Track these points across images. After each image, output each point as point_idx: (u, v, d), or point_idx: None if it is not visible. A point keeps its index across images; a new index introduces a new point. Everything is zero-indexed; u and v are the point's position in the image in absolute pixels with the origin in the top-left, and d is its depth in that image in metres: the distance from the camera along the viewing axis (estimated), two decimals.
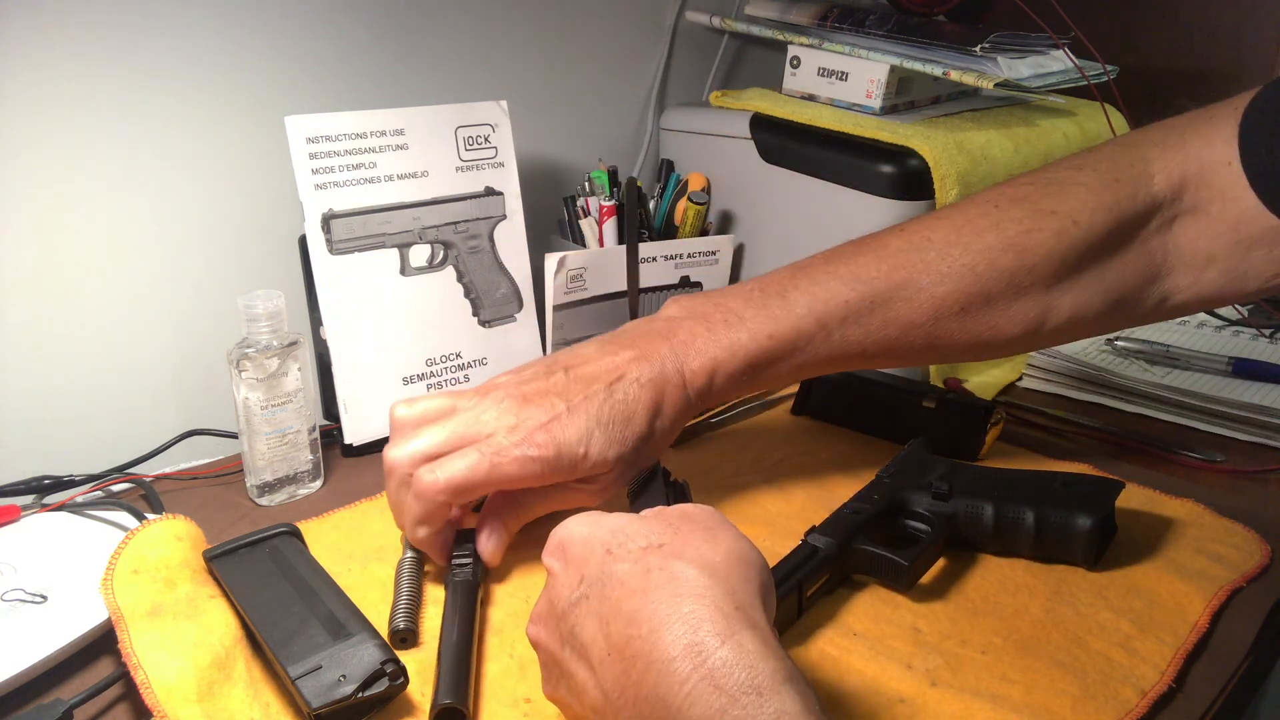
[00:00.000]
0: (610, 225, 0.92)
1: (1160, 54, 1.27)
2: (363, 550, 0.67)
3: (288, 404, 0.71)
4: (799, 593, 0.58)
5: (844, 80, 0.95)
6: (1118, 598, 0.60)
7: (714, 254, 0.94)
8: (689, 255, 0.92)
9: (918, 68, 0.90)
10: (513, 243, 0.88)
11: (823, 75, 0.97)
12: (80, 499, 0.71)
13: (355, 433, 0.80)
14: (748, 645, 0.36)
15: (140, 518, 0.66)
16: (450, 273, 0.85)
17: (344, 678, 0.49)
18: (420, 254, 0.83)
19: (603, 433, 0.60)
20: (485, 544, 0.62)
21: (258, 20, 0.80)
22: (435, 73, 0.93)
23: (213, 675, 0.51)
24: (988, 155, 0.86)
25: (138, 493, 0.74)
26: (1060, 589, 0.61)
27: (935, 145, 0.83)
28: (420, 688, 0.53)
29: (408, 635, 0.57)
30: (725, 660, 0.36)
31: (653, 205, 0.97)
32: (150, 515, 0.67)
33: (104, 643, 0.56)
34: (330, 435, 0.81)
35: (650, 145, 1.11)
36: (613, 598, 0.40)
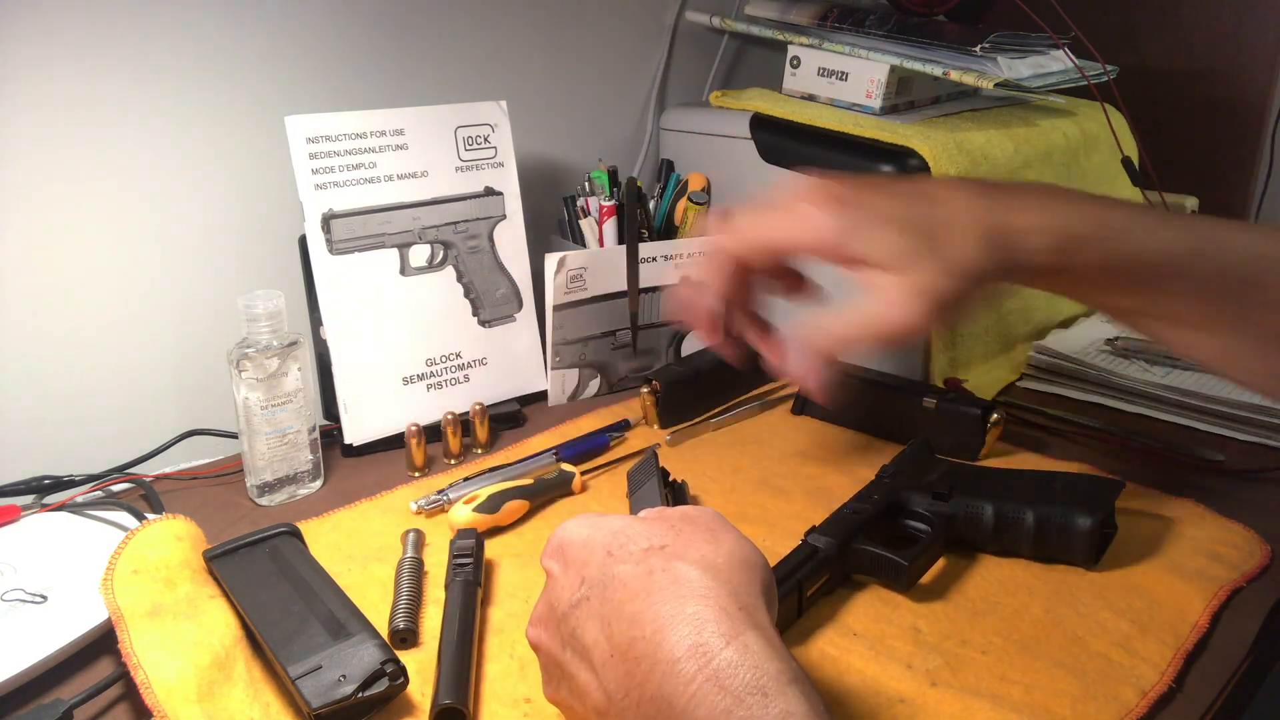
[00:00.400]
0: (610, 225, 0.92)
1: (1160, 54, 1.27)
2: (363, 550, 0.67)
3: (288, 404, 0.71)
4: (799, 593, 0.58)
5: (844, 80, 0.95)
6: (1118, 598, 0.60)
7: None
8: (689, 255, 0.92)
9: (918, 68, 0.90)
10: (513, 243, 0.88)
11: (823, 75, 0.97)
12: (80, 499, 0.71)
13: (355, 433, 0.80)
14: (753, 646, 0.36)
15: (140, 518, 0.66)
16: (450, 273, 0.85)
17: (344, 678, 0.49)
18: (420, 254, 0.83)
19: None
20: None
21: (258, 20, 0.80)
22: (435, 73, 0.93)
23: (213, 675, 0.51)
24: (988, 155, 0.86)
25: (138, 493, 0.74)
26: (1060, 589, 0.61)
27: (935, 145, 0.83)
28: (420, 688, 0.53)
29: (408, 635, 0.57)
30: (730, 661, 0.35)
31: (653, 205, 0.97)
32: (150, 515, 0.67)
33: (104, 643, 0.56)
34: (330, 435, 0.81)
35: (650, 145, 1.11)
36: (615, 599, 0.40)
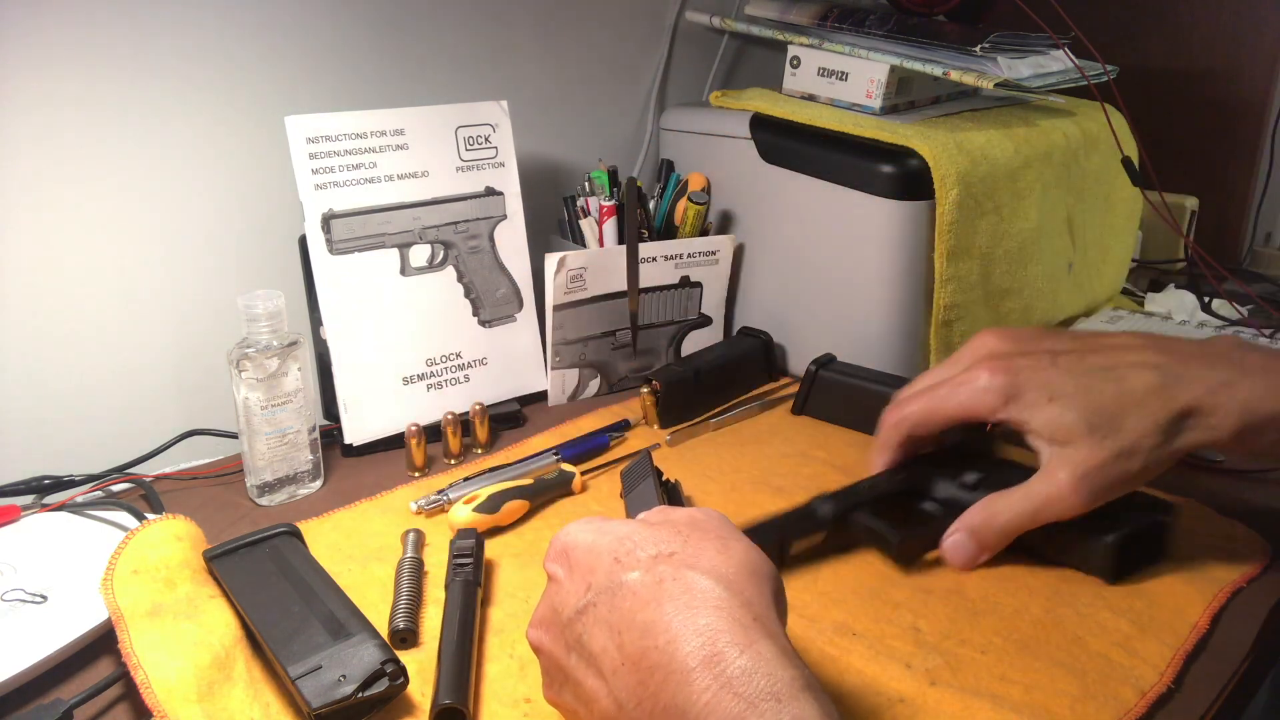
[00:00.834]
0: (610, 225, 0.92)
1: (1160, 54, 1.27)
2: (363, 550, 0.67)
3: (288, 404, 0.71)
4: (781, 546, 0.60)
5: (844, 80, 0.95)
6: (1118, 598, 0.60)
7: (714, 254, 0.94)
8: (689, 255, 0.92)
9: (918, 68, 0.90)
10: (513, 243, 0.88)
11: (823, 75, 0.97)
12: (80, 499, 0.71)
13: (355, 433, 0.80)
14: (766, 654, 0.37)
15: (140, 518, 0.66)
16: (450, 273, 0.85)
17: (344, 678, 0.49)
18: (420, 254, 0.83)
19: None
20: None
21: (258, 20, 0.80)
22: (435, 73, 0.93)
23: (213, 675, 0.51)
24: (988, 155, 0.86)
25: (138, 493, 0.74)
26: (1060, 589, 0.61)
27: (935, 145, 0.83)
28: (420, 688, 0.53)
29: (408, 635, 0.57)
30: (745, 668, 0.36)
31: (653, 205, 0.97)
32: (150, 515, 0.67)
33: (104, 643, 0.56)
34: (330, 435, 0.81)
35: (650, 145, 1.11)
36: (624, 607, 0.40)
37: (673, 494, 0.71)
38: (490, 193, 0.86)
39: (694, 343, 0.96)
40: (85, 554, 0.62)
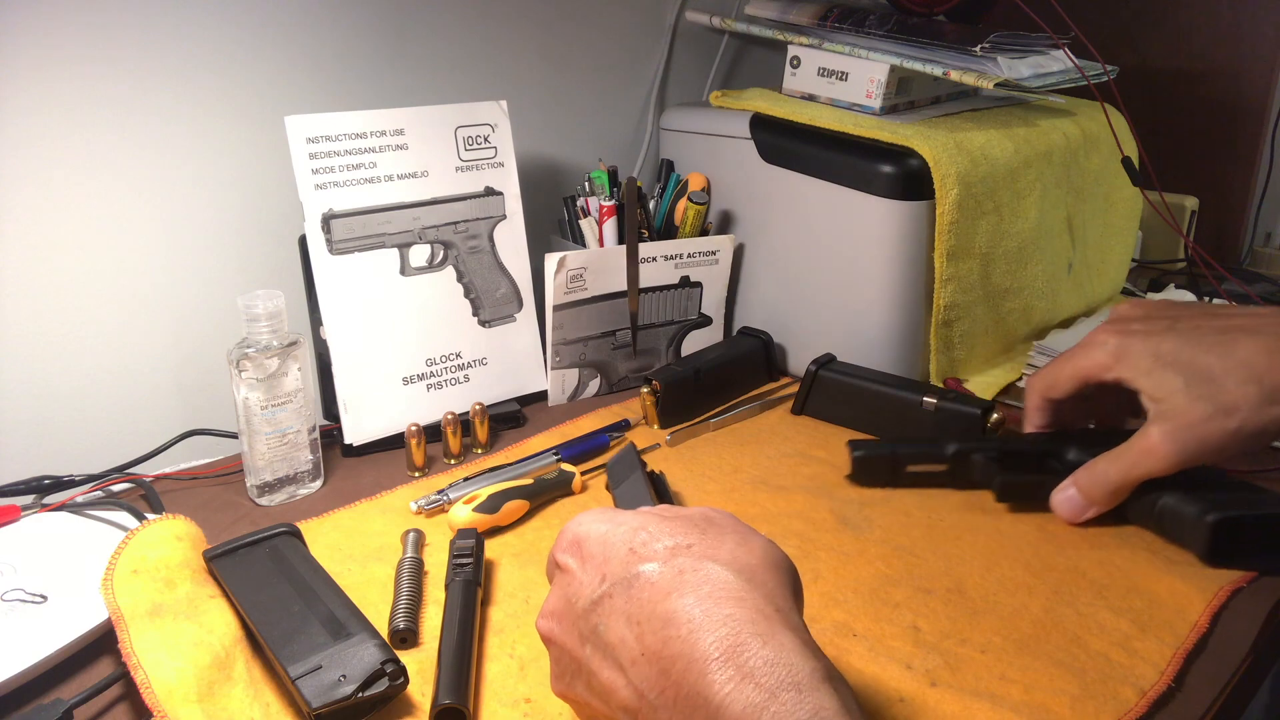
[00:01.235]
0: (610, 225, 0.92)
1: (1160, 54, 1.27)
2: (363, 550, 0.67)
3: (288, 404, 0.71)
4: (894, 463, 0.73)
5: (844, 80, 0.95)
6: (1118, 598, 0.60)
7: (714, 254, 0.94)
8: (689, 255, 0.92)
9: (918, 68, 0.90)
10: (513, 243, 0.88)
11: (823, 75, 0.97)
12: (80, 499, 0.71)
13: (355, 433, 0.80)
14: (788, 645, 0.37)
15: (140, 518, 0.66)
16: (450, 273, 0.85)
17: (344, 678, 0.49)
18: (420, 254, 0.83)
19: None
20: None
21: (258, 20, 0.80)
22: (435, 73, 0.93)
23: (213, 675, 0.51)
24: (988, 155, 0.86)
25: (138, 493, 0.74)
26: (1060, 589, 0.61)
27: (935, 145, 0.83)
28: (420, 688, 0.53)
29: (408, 635, 0.57)
30: (766, 659, 0.36)
31: (653, 205, 0.97)
32: (150, 515, 0.67)
33: (104, 643, 0.56)
34: (330, 435, 0.81)
35: (650, 145, 1.11)
36: (643, 598, 0.40)
37: (659, 485, 0.71)
38: (490, 193, 0.86)
39: (694, 343, 0.96)
40: (85, 554, 0.62)
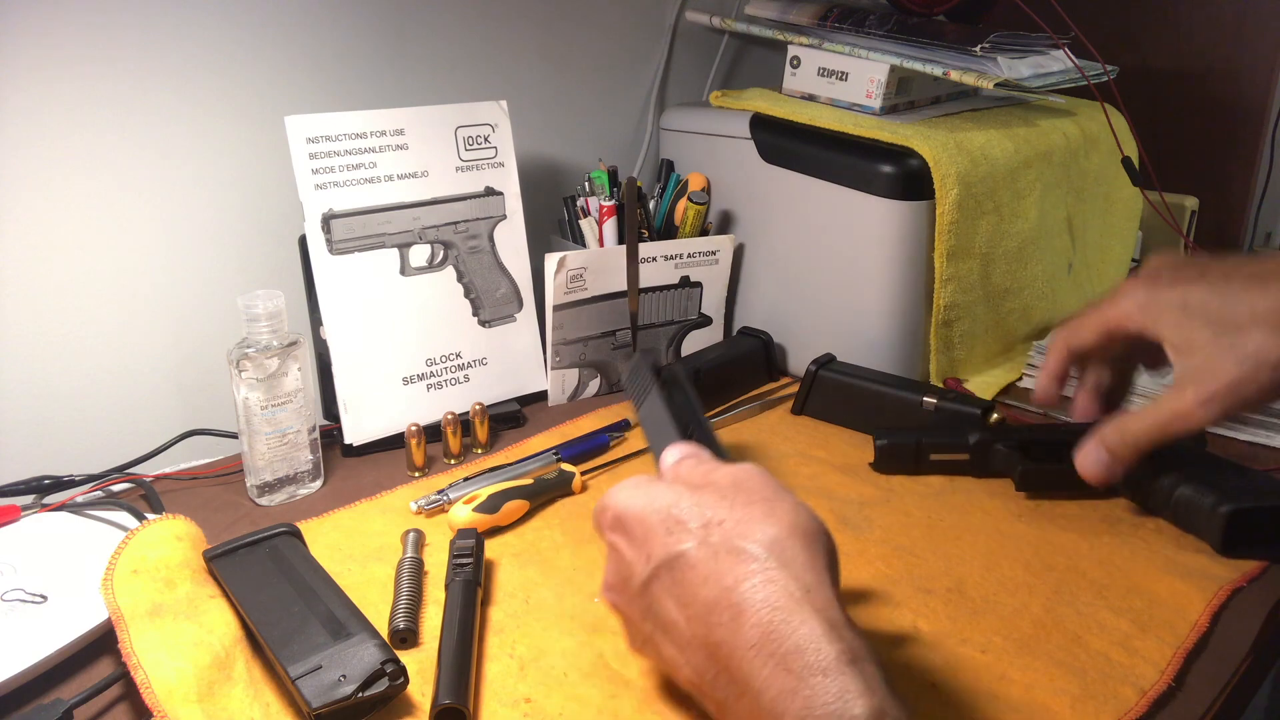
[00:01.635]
0: (610, 225, 0.92)
1: (1160, 54, 1.27)
2: (363, 550, 0.67)
3: (288, 404, 0.71)
4: (918, 451, 0.74)
5: (844, 80, 0.95)
6: (1118, 598, 0.60)
7: (714, 254, 0.94)
8: (689, 255, 0.92)
9: (918, 68, 0.90)
10: (513, 243, 0.88)
11: (823, 75, 0.97)
12: (80, 499, 0.71)
13: (355, 433, 0.80)
14: (816, 630, 0.39)
15: (140, 518, 0.66)
16: (450, 273, 0.85)
17: (344, 678, 0.49)
18: (420, 254, 0.83)
19: None
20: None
21: (258, 20, 0.80)
22: (435, 73, 0.93)
23: (213, 675, 0.51)
24: (988, 155, 0.86)
25: (138, 493, 0.74)
26: (1060, 589, 0.61)
27: (935, 145, 0.83)
28: (420, 688, 0.53)
29: (408, 635, 0.57)
30: (795, 646, 0.38)
31: (653, 205, 0.97)
32: (150, 515, 0.67)
33: (104, 643, 0.56)
34: (330, 435, 0.81)
35: (650, 145, 1.11)
36: (686, 580, 0.42)
37: (677, 398, 0.66)
38: (490, 193, 0.86)
39: (694, 343, 0.96)
40: (85, 554, 0.62)
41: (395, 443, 0.81)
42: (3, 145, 0.71)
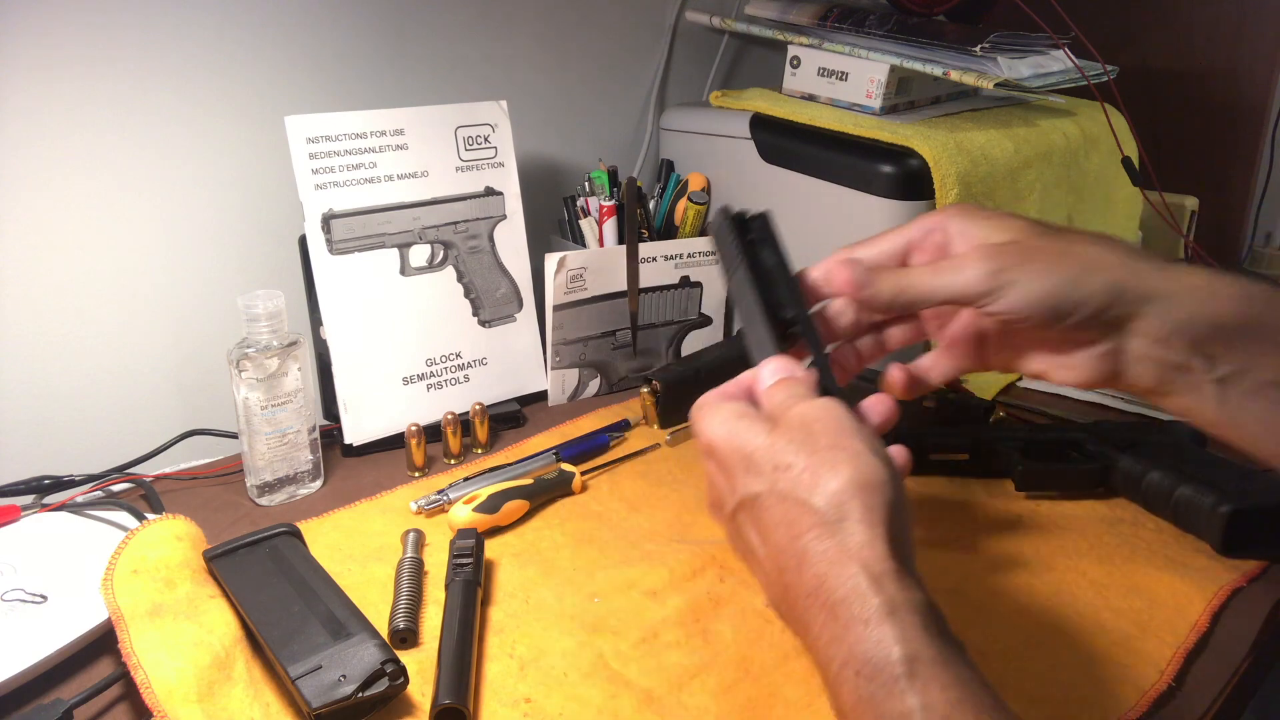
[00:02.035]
0: (610, 225, 0.92)
1: (1160, 54, 1.27)
2: (363, 550, 0.67)
3: (288, 404, 0.71)
4: (921, 452, 0.72)
5: (844, 80, 0.95)
6: (1118, 598, 0.60)
7: (714, 254, 0.94)
8: (689, 255, 0.92)
9: (918, 68, 0.90)
10: (513, 243, 0.88)
11: (823, 75, 0.97)
12: (80, 499, 0.71)
13: (355, 433, 0.80)
14: (862, 584, 0.41)
15: (140, 518, 0.66)
16: (450, 273, 0.85)
17: (344, 678, 0.49)
18: (420, 254, 0.83)
19: None
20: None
21: (258, 20, 0.80)
22: (435, 73, 0.93)
23: (213, 675, 0.51)
24: (988, 155, 0.86)
25: (138, 493, 0.74)
26: (1060, 589, 0.61)
27: (935, 145, 0.83)
28: (420, 688, 0.53)
29: (408, 635, 0.57)
30: (843, 598, 0.41)
31: (653, 205, 0.97)
32: (150, 515, 0.67)
33: (104, 643, 0.56)
34: (330, 435, 0.81)
35: (650, 145, 1.11)
36: (763, 521, 0.45)
37: (767, 254, 0.60)
38: (490, 193, 0.86)
39: (694, 343, 0.96)
40: (85, 554, 0.62)
41: (395, 443, 0.81)
42: (3, 145, 0.71)
